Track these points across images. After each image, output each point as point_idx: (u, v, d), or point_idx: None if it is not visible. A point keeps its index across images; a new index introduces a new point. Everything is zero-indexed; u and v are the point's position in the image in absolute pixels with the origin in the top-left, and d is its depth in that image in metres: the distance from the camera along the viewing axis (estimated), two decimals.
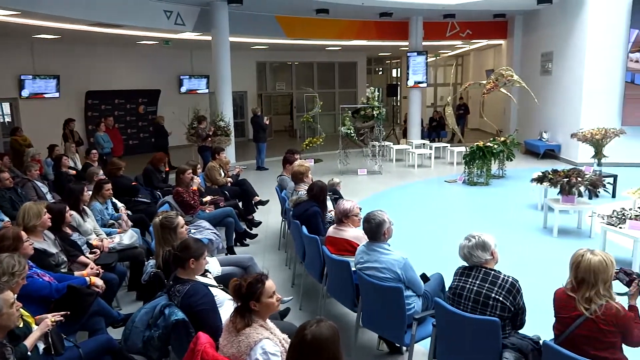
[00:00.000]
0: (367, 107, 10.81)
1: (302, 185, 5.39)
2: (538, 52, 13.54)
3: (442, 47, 19.65)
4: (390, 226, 3.44)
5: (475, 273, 2.87)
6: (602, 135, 8.20)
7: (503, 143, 9.71)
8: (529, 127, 14.01)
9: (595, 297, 2.47)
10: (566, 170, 6.74)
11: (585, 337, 2.48)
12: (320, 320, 2.09)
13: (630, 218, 5.30)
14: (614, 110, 10.95)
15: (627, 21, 10.60)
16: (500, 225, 6.93)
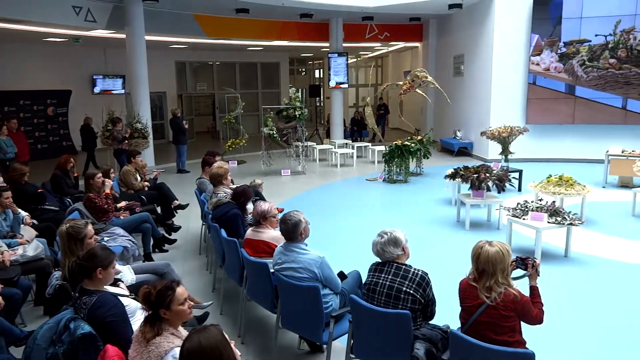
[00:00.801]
0: (289, 107, 10.84)
1: (222, 188, 5.30)
2: (451, 54, 14.25)
3: (363, 49, 20.15)
4: (307, 226, 3.47)
5: (388, 268, 2.96)
6: (508, 133, 8.77)
7: (420, 142, 10.11)
8: (445, 126, 14.72)
9: (495, 285, 2.63)
10: (476, 166, 7.13)
11: (487, 324, 2.64)
12: (203, 329, 2.06)
13: (532, 210, 5.70)
14: (519, 109, 11.76)
15: (528, 27, 11.42)
16: (418, 221, 7.22)
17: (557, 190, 6.74)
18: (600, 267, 5.38)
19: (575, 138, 11.56)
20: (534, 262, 2.84)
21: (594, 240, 6.19)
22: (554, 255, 5.72)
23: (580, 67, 11.14)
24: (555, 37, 11.28)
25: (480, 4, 12.10)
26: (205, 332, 2.04)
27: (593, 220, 6.98)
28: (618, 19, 10.79)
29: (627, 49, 10.78)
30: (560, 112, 11.52)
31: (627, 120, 10.99)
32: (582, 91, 11.29)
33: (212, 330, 2.06)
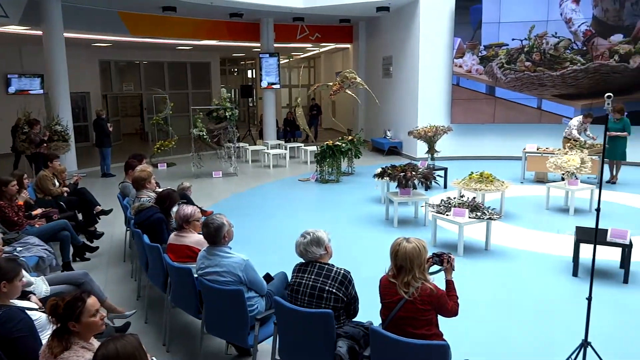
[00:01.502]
0: (220, 108, 10.65)
1: (145, 192, 5.12)
2: (380, 56, 14.59)
3: (295, 50, 20.20)
4: (231, 229, 3.42)
5: (311, 268, 2.98)
6: (433, 132, 9.10)
7: (350, 142, 10.27)
8: (375, 126, 15.06)
9: (413, 280, 2.71)
10: (403, 165, 7.34)
11: (406, 318, 2.71)
12: (120, 336, 1.99)
13: (454, 206, 5.95)
14: (444, 110, 12.24)
15: (451, 30, 11.91)
16: (348, 219, 7.32)
17: (478, 186, 7.06)
18: (517, 258, 5.70)
19: (495, 136, 12.19)
20: (449, 258, 2.95)
21: (512, 233, 6.55)
22: (476, 248, 5.99)
23: (499, 70, 11.77)
24: (476, 41, 11.84)
25: (406, 8, 12.48)
26: (122, 339, 1.97)
27: (511, 214, 7.38)
28: (532, 24, 11.49)
29: (540, 52, 11.50)
30: (481, 112, 12.10)
31: (542, 120, 11.73)
32: (501, 92, 11.92)
33: (128, 338, 1.99)
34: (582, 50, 11.19)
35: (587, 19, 11.07)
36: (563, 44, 11.35)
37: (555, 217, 7.30)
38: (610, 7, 10.87)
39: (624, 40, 10.78)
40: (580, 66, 11.22)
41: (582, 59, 11.20)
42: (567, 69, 11.31)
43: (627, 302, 4.57)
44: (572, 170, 7.36)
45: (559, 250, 5.83)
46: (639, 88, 10.79)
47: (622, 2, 10.74)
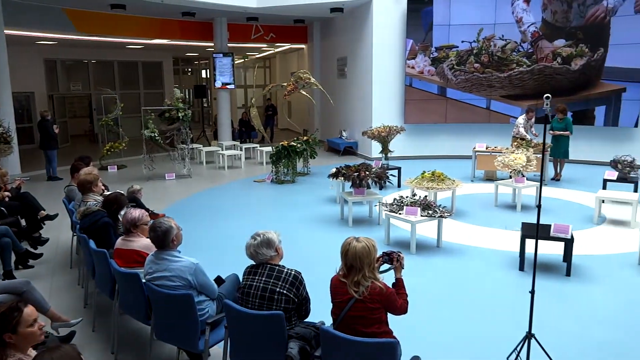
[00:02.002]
0: (172, 108, 10.43)
1: (91, 195, 4.95)
2: (335, 56, 14.67)
3: (250, 49, 20.04)
4: (179, 232, 3.35)
5: (262, 270, 2.96)
6: (386, 132, 9.22)
7: (306, 142, 10.28)
8: (331, 126, 15.14)
9: (362, 279, 2.74)
10: (356, 165, 7.41)
11: (356, 317, 2.73)
12: (56, 347, 1.91)
13: (407, 205, 6.05)
14: (398, 110, 12.44)
15: (403, 32, 12.11)
16: (304, 220, 7.33)
17: (430, 185, 7.21)
18: (467, 254, 5.85)
19: (447, 136, 12.50)
20: (399, 256, 2.99)
21: (462, 230, 6.72)
22: (428, 246, 6.12)
23: (450, 71, 12.06)
24: (428, 43, 12.10)
25: (360, 9, 12.60)
26: (59, 350, 1.89)
27: (462, 212, 7.58)
28: (480, 27, 11.84)
29: (488, 54, 11.87)
30: (434, 113, 12.37)
31: (490, 119, 12.10)
32: (452, 93, 12.23)
33: (65, 349, 1.91)
34: (528, 52, 11.62)
35: (537, 21, 11.50)
36: (510, 47, 11.76)
37: (504, 214, 7.55)
38: (558, 9, 11.32)
39: (566, 44, 11.27)
40: (525, 68, 11.65)
41: (527, 60, 11.64)
42: (513, 70, 11.73)
43: (569, 294, 4.78)
44: (518, 168, 7.63)
45: (506, 245, 6.04)
46: (580, 89, 11.31)
47: (569, 4, 11.21)
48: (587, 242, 6.14)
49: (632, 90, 10.83)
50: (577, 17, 11.19)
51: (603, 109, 11.23)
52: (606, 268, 5.36)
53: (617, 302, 4.58)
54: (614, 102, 11.08)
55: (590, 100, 11.29)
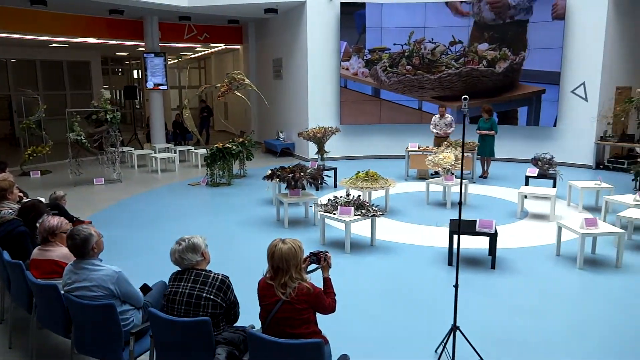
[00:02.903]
0: (99, 110, 9.98)
1: (6, 204, 4.63)
2: (270, 57, 14.61)
3: (183, 49, 19.58)
4: (100, 239, 3.20)
5: (187, 276, 2.89)
6: (322, 133, 9.30)
7: (241, 144, 10.16)
8: (268, 128, 15.07)
9: (289, 281, 2.74)
10: (292, 166, 7.40)
11: (284, 319, 2.73)
12: None
13: (341, 205, 6.12)
14: (333, 111, 12.56)
15: (337, 34, 12.25)
16: (239, 222, 7.23)
17: (364, 185, 7.34)
18: (400, 251, 6.00)
19: (382, 136, 12.76)
20: (326, 256, 3.01)
21: (396, 228, 6.89)
22: (362, 245, 6.21)
23: (383, 73, 12.33)
24: (361, 45, 12.31)
25: (294, 11, 12.63)
26: None
27: (396, 210, 7.77)
28: (411, 30, 12.19)
29: (419, 57, 12.24)
30: (368, 113, 12.60)
31: (422, 120, 12.46)
32: (386, 94, 12.51)
33: None
34: (457, 55, 12.09)
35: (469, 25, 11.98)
36: (439, 50, 12.18)
37: (435, 211, 7.81)
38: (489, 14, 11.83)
39: (490, 47, 11.83)
40: (454, 70, 12.11)
41: (455, 63, 12.10)
42: (443, 72, 12.16)
43: (493, 286, 5.01)
44: (447, 166, 7.92)
45: (437, 242, 6.24)
46: (504, 90, 11.91)
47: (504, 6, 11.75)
48: (510, 236, 6.47)
49: (551, 92, 11.54)
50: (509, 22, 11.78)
51: (525, 109, 11.89)
52: (528, 260, 5.66)
53: (537, 292, 4.85)
54: (534, 103, 11.75)
55: (513, 101, 11.92)
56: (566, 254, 5.73)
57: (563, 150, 11.15)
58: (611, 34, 11.02)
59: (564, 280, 5.19)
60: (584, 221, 5.47)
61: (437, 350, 3.67)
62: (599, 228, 5.52)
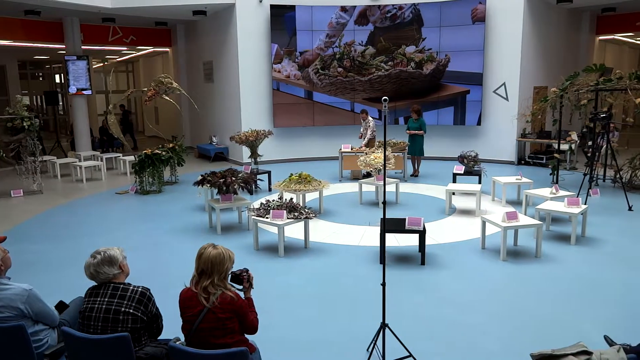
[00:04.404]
0: (15, 117, 9.35)
1: None
2: (201, 60, 14.31)
3: (109, 52, 18.79)
4: (6, 256, 2.98)
5: (104, 290, 2.75)
6: (254, 137, 9.20)
7: (172, 149, 9.87)
8: (201, 132, 14.76)
9: (211, 287, 2.66)
10: (223, 171, 7.27)
11: (208, 329, 2.65)
12: None
13: (273, 208, 6.07)
14: (266, 114, 12.48)
15: (268, 36, 12.19)
16: (170, 231, 7.01)
17: (298, 187, 7.34)
18: (334, 252, 6.03)
19: (316, 138, 12.84)
20: (248, 276, 2.92)
21: (329, 229, 6.93)
22: (296, 247, 6.20)
23: (315, 75, 12.41)
24: (292, 47, 12.32)
25: (224, 13, 12.44)
26: None
27: (330, 211, 7.82)
28: (342, 33, 12.35)
29: (350, 59, 12.43)
30: (302, 116, 12.63)
31: (355, 122, 12.63)
32: (319, 96, 12.60)
33: None
34: (386, 57, 12.37)
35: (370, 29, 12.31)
36: (369, 52, 12.42)
37: (368, 211, 7.93)
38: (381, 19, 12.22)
39: (416, 50, 12.21)
40: (384, 72, 12.40)
41: (385, 65, 12.39)
42: (373, 74, 12.41)
43: (423, 281, 5.15)
44: (378, 167, 8.07)
45: (370, 241, 6.34)
46: (432, 91, 12.33)
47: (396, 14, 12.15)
48: (439, 232, 6.68)
49: (475, 92, 12.07)
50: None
51: (452, 109, 12.36)
52: (455, 254, 5.87)
53: (463, 285, 5.04)
54: (460, 103, 12.25)
55: (440, 102, 12.36)
56: (491, 247, 6.00)
57: (487, 148, 11.71)
58: (527, 37, 11.70)
59: (489, 272, 5.42)
60: (505, 215, 5.75)
61: (368, 348, 3.71)
62: (520, 221, 5.81)
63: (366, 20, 12.32)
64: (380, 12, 12.22)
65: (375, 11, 12.24)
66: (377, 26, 12.32)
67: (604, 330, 3.68)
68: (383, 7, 12.20)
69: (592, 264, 5.57)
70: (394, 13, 12.22)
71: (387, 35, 12.31)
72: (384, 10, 12.21)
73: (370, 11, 12.25)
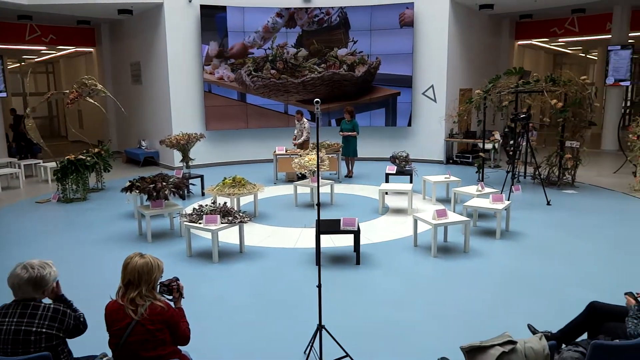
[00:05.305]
0: None
1: None
2: (127, 61, 13.75)
3: (26, 52, 17.65)
4: None
5: (13, 310, 2.53)
6: (186, 140, 8.95)
7: (97, 155, 9.40)
8: (130, 136, 14.18)
9: (139, 298, 2.54)
10: (152, 176, 7.01)
11: (137, 342, 2.53)
12: None
13: (206, 213, 5.92)
14: (199, 117, 12.19)
15: (198, 37, 11.91)
16: (98, 240, 6.66)
17: (232, 191, 7.21)
18: (270, 256, 5.97)
19: (250, 141, 12.70)
20: (178, 286, 2.82)
21: (265, 233, 6.86)
22: (231, 252, 6.07)
23: (248, 77, 12.28)
24: (224, 49, 12.11)
25: (151, 12, 12.01)
26: None
27: (265, 215, 7.74)
28: (274, 35, 12.30)
29: (283, 61, 12.40)
30: (235, 118, 12.45)
31: (289, 124, 12.62)
32: (252, 98, 12.47)
33: None
34: (319, 60, 12.45)
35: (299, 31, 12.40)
36: (301, 54, 12.45)
37: (303, 213, 7.93)
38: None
39: (348, 52, 12.39)
40: (317, 74, 12.47)
41: (318, 67, 12.47)
42: (306, 76, 12.46)
43: (358, 281, 5.20)
44: (313, 168, 8.09)
45: (305, 243, 6.33)
46: (364, 93, 12.55)
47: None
48: (373, 232, 6.80)
49: (405, 95, 12.42)
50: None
51: (383, 111, 12.65)
52: (389, 253, 5.99)
53: (397, 282, 5.15)
54: (391, 105, 12.56)
55: (372, 104, 12.62)
56: (423, 244, 6.18)
57: (418, 148, 12.08)
58: (453, 41, 12.20)
59: (421, 268, 5.58)
60: (435, 213, 5.94)
61: (305, 351, 3.69)
62: (449, 218, 6.02)
63: (294, 22, 12.35)
64: (307, 15, 12.28)
65: (303, 15, 12.29)
66: (304, 29, 12.37)
67: (528, 319, 3.88)
68: (311, 10, 12.28)
69: (515, 256, 5.87)
70: (321, 17, 12.34)
71: (317, 37, 12.41)
72: (312, 14, 12.30)
73: (298, 14, 12.29)
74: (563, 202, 8.32)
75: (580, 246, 6.19)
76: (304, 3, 12.30)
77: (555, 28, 15.21)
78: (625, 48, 13.62)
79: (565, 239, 6.50)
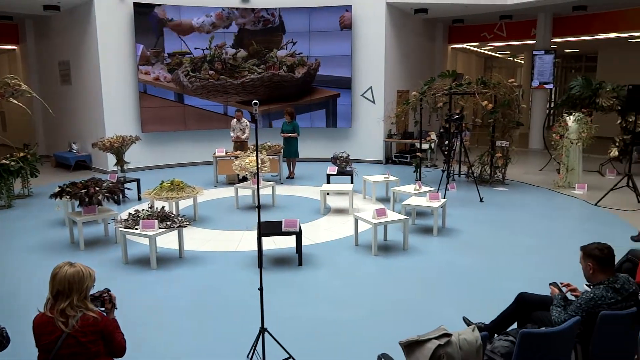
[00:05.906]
0: None
1: None
2: (55, 60, 13.05)
3: None
4: None
5: None
6: (120, 143, 8.62)
7: (23, 159, 8.86)
8: (59, 139, 13.48)
9: (70, 308, 2.43)
10: (84, 181, 6.70)
11: (69, 356, 2.41)
12: None
13: (143, 218, 5.73)
14: (133, 118, 11.77)
15: (132, 36, 11.50)
16: (25, 250, 6.28)
17: (170, 195, 7.03)
18: (211, 260, 5.86)
19: (188, 143, 12.41)
20: (110, 297, 2.72)
21: (206, 237, 6.73)
22: (170, 258, 5.91)
23: (185, 77, 12.00)
24: (160, 48, 11.78)
25: (80, 9, 11.47)
26: None
27: (206, 218, 7.60)
28: (211, 35, 12.10)
29: (221, 61, 12.22)
30: (172, 120, 12.13)
31: (229, 125, 12.39)
32: (190, 99, 12.20)
33: None
34: (258, 61, 12.37)
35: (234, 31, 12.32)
36: (240, 55, 12.32)
37: (245, 215, 7.84)
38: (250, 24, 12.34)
39: (287, 54, 12.40)
40: (257, 75, 12.39)
41: (257, 68, 12.39)
42: (246, 77, 12.34)
43: (301, 281, 5.22)
44: (253, 170, 8.03)
45: (247, 246, 6.27)
46: (304, 95, 12.60)
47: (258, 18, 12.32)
48: (315, 232, 6.84)
49: (345, 96, 12.59)
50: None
51: (323, 112, 12.76)
52: (331, 253, 6.05)
53: (339, 282, 5.21)
54: (331, 107, 12.69)
55: (312, 105, 12.69)
56: (363, 243, 6.28)
57: (358, 149, 12.28)
58: (389, 45, 12.49)
59: (362, 267, 5.67)
60: (375, 212, 6.06)
61: (248, 355, 3.65)
62: (388, 217, 6.16)
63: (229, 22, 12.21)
64: (254, 14, 12.18)
65: (249, 14, 12.19)
66: (246, 28, 12.27)
67: (463, 312, 4.03)
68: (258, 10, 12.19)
69: (451, 252, 6.10)
70: (267, 19, 12.28)
71: (256, 38, 12.33)
72: (258, 14, 12.21)
73: (236, 14, 12.17)
74: (495, 198, 8.74)
75: (511, 240, 6.53)
76: (242, 3, 12.19)
77: (485, 33, 15.94)
78: (548, 53, 14.51)
79: (497, 233, 6.83)
